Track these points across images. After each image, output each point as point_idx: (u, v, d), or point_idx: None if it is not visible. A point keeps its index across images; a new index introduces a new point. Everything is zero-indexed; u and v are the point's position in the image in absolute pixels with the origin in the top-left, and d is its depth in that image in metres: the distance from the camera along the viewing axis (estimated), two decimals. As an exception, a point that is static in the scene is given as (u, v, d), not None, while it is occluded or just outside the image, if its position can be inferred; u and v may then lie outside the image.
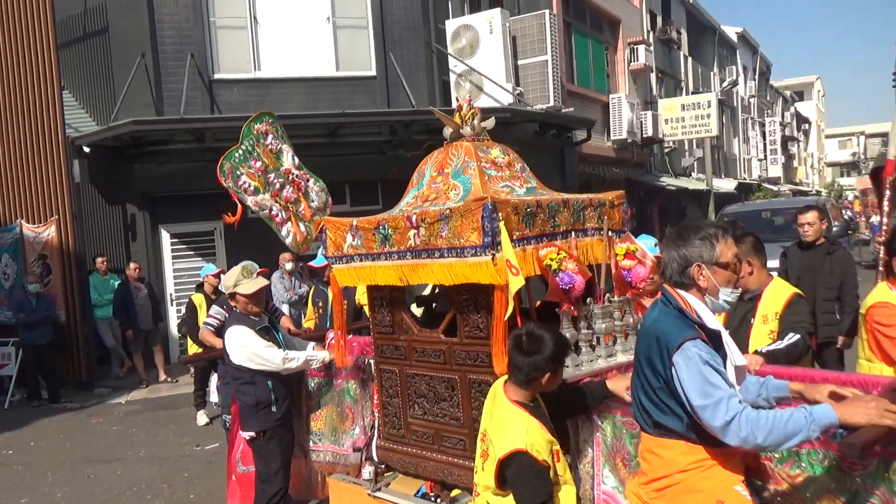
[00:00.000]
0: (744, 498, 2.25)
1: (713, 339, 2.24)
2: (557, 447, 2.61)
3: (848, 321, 5.33)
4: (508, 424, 2.55)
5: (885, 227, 4.90)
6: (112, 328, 10.12)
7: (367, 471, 3.71)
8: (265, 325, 4.23)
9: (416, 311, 4.32)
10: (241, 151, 3.95)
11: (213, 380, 4.67)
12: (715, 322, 2.29)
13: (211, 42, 10.85)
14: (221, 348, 4.36)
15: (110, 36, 11.10)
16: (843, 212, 18.69)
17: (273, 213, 3.96)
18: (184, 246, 11.00)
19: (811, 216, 5.70)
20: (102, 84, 11.56)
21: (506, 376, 2.72)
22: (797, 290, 3.54)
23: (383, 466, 3.74)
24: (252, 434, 4.19)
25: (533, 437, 2.50)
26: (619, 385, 2.81)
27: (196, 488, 5.78)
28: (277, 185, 4.00)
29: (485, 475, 2.60)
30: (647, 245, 3.33)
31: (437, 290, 4.25)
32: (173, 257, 10.90)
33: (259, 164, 3.96)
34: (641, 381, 2.36)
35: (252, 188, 3.94)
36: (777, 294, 3.51)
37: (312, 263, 6.95)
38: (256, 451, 4.25)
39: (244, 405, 4.18)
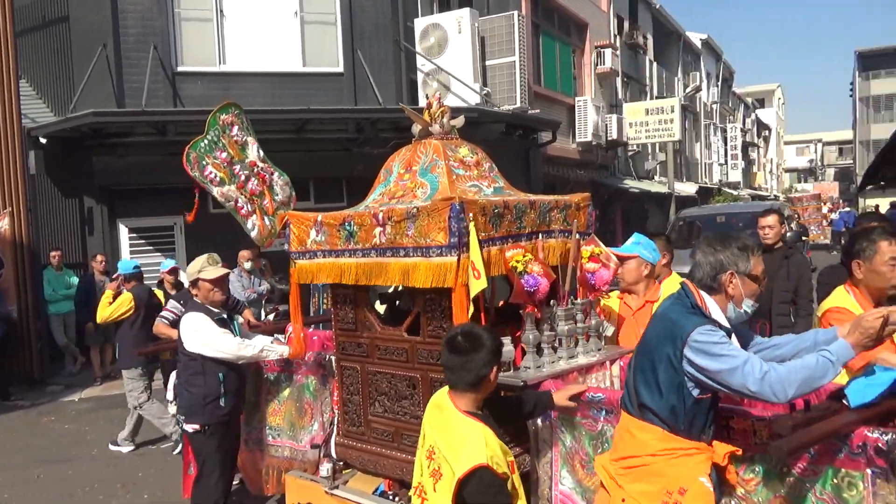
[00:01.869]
0: (707, 490, 2.30)
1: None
2: (512, 458, 2.48)
3: (803, 324, 5.45)
4: (465, 439, 2.36)
5: None
6: (65, 325, 9.86)
7: (325, 468, 3.68)
8: (222, 317, 4.17)
9: (380, 308, 4.30)
10: (206, 141, 3.89)
11: (172, 377, 4.58)
12: (726, 322, 2.39)
13: (175, 34, 10.65)
14: (173, 339, 4.29)
15: (70, 25, 10.82)
16: (794, 215, 19.20)
17: (239, 204, 3.91)
18: (142, 241, 10.77)
19: (771, 220, 5.82)
20: (61, 74, 11.26)
21: (446, 388, 2.56)
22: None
23: (342, 464, 3.71)
24: (195, 427, 4.11)
25: (492, 449, 2.35)
26: (563, 396, 2.86)
27: (151, 488, 5.65)
28: (242, 177, 3.94)
29: (438, 496, 2.37)
30: None
31: (401, 288, 4.23)
32: (131, 252, 10.65)
33: (225, 154, 3.90)
34: (641, 363, 2.43)
35: (218, 179, 3.88)
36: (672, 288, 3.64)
37: None
38: (196, 447, 4.18)
39: (192, 397, 4.11)
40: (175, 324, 4.97)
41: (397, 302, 4.40)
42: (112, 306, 6.45)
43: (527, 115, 12.89)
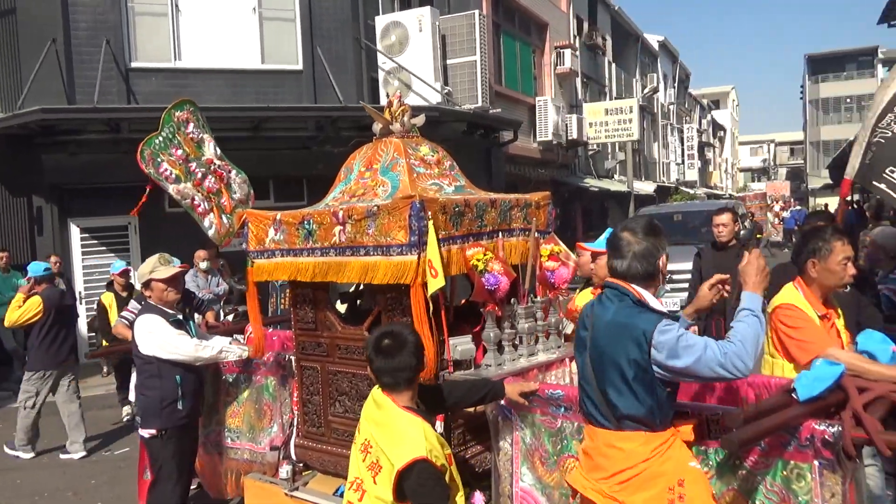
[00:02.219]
0: (699, 472, 2.37)
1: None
2: (449, 451, 2.52)
3: (756, 320, 5.59)
4: (404, 433, 2.41)
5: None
6: (13, 329, 9.53)
7: (285, 470, 3.65)
8: (178, 318, 4.09)
9: (341, 307, 4.27)
10: (161, 138, 3.81)
11: (133, 378, 4.47)
12: (664, 309, 2.47)
13: (128, 29, 10.39)
14: (131, 341, 4.19)
15: (18, 18, 10.44)
16: (747, 214, 19.67)
17: (195, 202, 3.82)
18: (95, 241, 10.47)
19: (725, 217, 5.94)
20: (8, 69, 10.85)
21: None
22: None
23: (302, 465, 3.68)
24: (152, 432, 4.00)
25: (431, 442, 2.40)
26: (514, 390, 2.89)
27: (104, 495, 5.51)
28: (199, 175, 3.86)
29: (378, 488, 2.42)
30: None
31: (361, 287, 4.21)
32: (83, 253, 10.36)
33: (180, 152, 3.82)
34: (609, 376, 2.38)
35: (174, 176, 3.79)
36: None
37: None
38: (152, 452, 4.06)
39: (148, 400, 4.01)
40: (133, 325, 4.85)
41: (358, 301, 4.37)
42: (21, 309, 6.29)
43: (488, 114, 12.94)
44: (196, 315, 5.40)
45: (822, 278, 3.11)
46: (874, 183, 3.95)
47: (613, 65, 25.54)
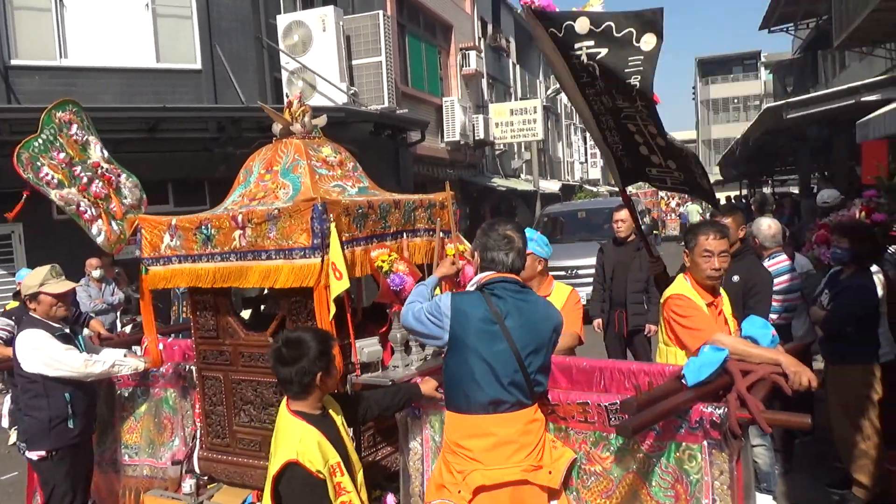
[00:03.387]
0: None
1: None
2: (338, 460, 2.46)
3: (655, 311, 5.84)
4: (284, 436, 2.42)
5: None
6: None
7: (188, 484, 3.52)
8: (65, 332, 3.86)
9: (245, 314, 4.16)
10: (41, 141, 3.55)
11: (6, 402, 4.17)
12: None
13: (7, 24, 9.69)
14: (9, 359, 3.92)
15: None
16: (647, 210, 20.60)
17: (81, 208, 3.60)
18: (-26, 252, 9.73)
19: (624, 214, 6.18)
20: None
21: None
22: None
23: (206, 478, 3.56)
24: (41, 453, 3.76)
25: (305, 445, 2.37)
26: (430, 387, 2.91)
27: (-8, 523, 5.14)
28: (85, 179, 3.64)
29: (265, 495, 2.42)
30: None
31: (266, 292, 4.11)
32: (-38, 264, 9.61)
33: (63, 155, 3.58)
34: (535, 360, 2.58)
35: (56, 181, 3.55)
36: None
37: None
38: (43, 475, 3.83)
39: (35, 422, 3.77)
40: (9, 342, 4.53)
41: (262, 307, 4.27)
42: None
43: (395, 114, 12.92)
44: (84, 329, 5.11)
45: (692, 269, 3.32)
46: (652, 181, 3.68)
47: (518, 66, 26.09)
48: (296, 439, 2.37)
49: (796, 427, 2.35)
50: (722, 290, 3.42)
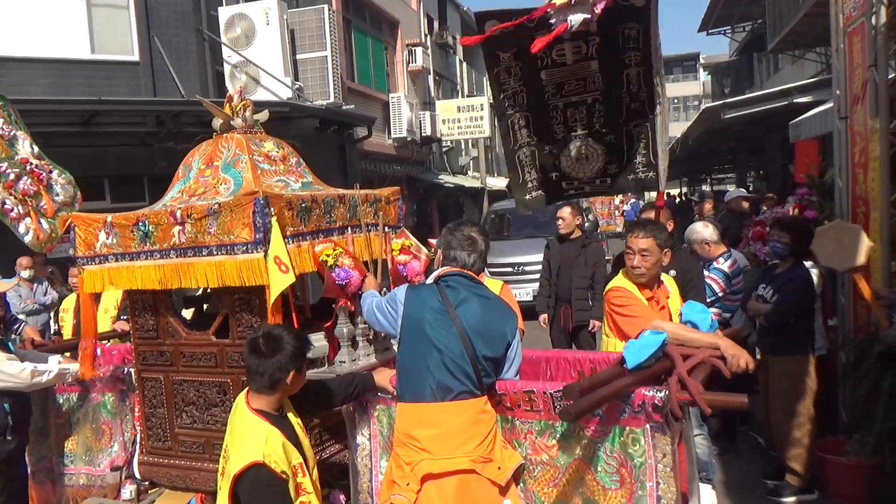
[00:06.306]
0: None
1: None
2: (300, 461, 2.45)
3: (599, 307, 5.94)
4: (245, 436, 2.36)
5: None
6: None
7: (129, 490, 3.42)
8: (1, 339, 3.68)
9: (187, 313, 4.05)
10: (-38, 137, 3.39)
11: None
12: None
13: (-73, 10, 9.21)
14: None
15: None
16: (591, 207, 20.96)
17: (7, 206, 3.44)
18: None
19: (565, 212, 6.33)
20: None
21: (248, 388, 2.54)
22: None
23: (147, 483, 3.46)
24: None
25: (271, 447, 2.33)
26: (385, 377, 2.90)
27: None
28: (12, 176, 3.48)
29: (221, 494, 2.37)
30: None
31: (208, 290, 4.02)
32: None
33: (-13, 151, 3.42)
34: (485, 350, 2.62)
35: None
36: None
37: None
38: None
39: None
40: None
41: (205, 306, 4.17)
42: None
43: (340, 110, 12.78)
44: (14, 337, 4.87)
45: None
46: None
47: (465, 63, 26.17)
48: (261, 440, 2.32)
49: (735, 406, 2.43)
50: (672, 285, 3.53)
